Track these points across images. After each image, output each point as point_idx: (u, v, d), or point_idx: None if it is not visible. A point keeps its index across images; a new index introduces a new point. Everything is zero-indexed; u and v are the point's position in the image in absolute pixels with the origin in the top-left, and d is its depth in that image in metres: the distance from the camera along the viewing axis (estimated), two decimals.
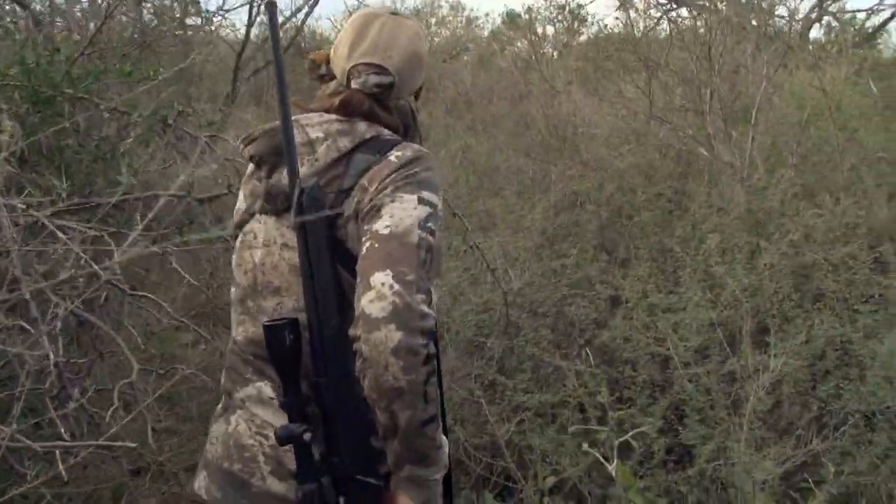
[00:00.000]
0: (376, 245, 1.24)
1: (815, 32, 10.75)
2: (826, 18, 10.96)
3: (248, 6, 8.55)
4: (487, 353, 3.43)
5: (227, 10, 8.43)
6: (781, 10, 9.83)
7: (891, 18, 10.93)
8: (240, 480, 1.35)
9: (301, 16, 9.60)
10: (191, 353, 5.98)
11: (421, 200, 1.28)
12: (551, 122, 6.86)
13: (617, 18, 9.57)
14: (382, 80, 1.42)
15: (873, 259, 3.88)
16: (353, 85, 1.42)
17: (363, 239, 1.26)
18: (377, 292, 1.18)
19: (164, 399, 4.88)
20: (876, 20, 10.95)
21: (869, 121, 6.04)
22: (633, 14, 9.26)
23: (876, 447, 3.04)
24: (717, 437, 2.99)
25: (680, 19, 9.61)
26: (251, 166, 1.44)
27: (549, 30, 12.00)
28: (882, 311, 3.57)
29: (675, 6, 10.41)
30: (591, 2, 15.48)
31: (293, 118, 1.33)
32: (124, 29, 4.52)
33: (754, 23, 7.71)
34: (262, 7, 8.24)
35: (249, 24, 10.07)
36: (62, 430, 2.09)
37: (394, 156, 1.34)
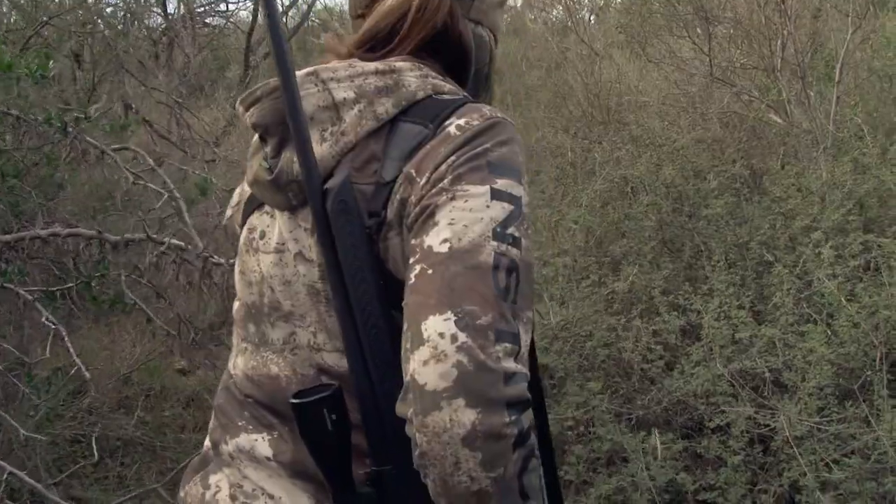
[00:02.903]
0: (430, 272, 0.87)
1: None
2: None
3: None
4: None
5: None
6: None
7: None
8: None
9: None
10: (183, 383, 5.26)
11: (495, 194, 0.89)
12: (591, 90, 5.88)
13: None
14: None
15: None
16: None
17: (410, 261, 0.89)
18: (433, 349, 0.82)
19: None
20: None
21: None
22: None
23: None
24: None
25: None
26: (256, 138, 1.05)
27: None
28: None
29: None
30: None
31: (310, 68, 0.98)
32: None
33: None
34: None
35: (257, 2, 9.30)
36: None
37: (454, 126, 0.94)
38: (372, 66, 1.00)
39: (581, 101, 6.10)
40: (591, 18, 10.22)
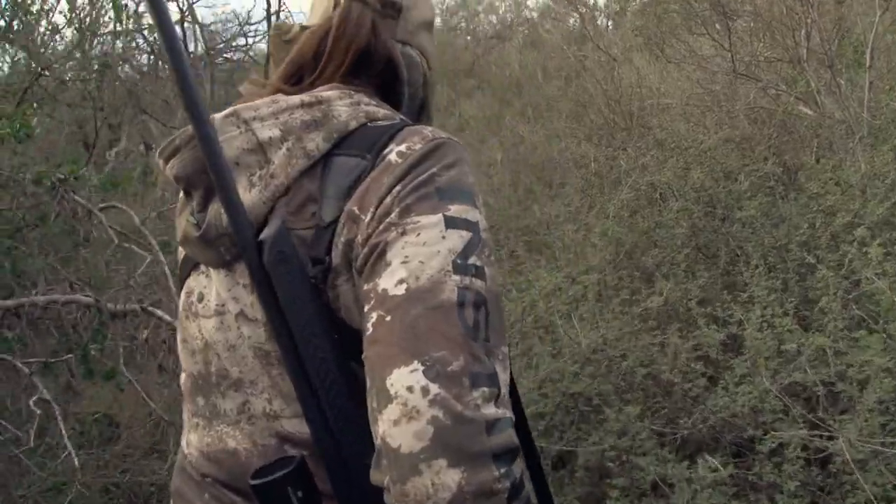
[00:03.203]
0: (388, 318, 0.77)
1: None
2: None
3: (266, 18, 7.76)
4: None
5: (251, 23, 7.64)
6: None
7: None
8: None
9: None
10: None
11: (450, 222, 0.79)
12: (612, 97, 5.73)
13: None
14: None
15: None
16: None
17: (365, 308, 0.79)
18: (403, 406, 0.72)
19: None
20: None
21: None
22: None
23: None
24: None
25: None
26: (182, 192, 0.96)
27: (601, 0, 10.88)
28: None
29: None
30: None
31: (230, 109, 0.90)
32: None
33: None
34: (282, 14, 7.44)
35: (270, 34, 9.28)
36: None
37: (394, 153, 0.85)
38: (297, 99, 0.91)
39: (602, 108, 5.95)
40: (609, 24, 10.08)
